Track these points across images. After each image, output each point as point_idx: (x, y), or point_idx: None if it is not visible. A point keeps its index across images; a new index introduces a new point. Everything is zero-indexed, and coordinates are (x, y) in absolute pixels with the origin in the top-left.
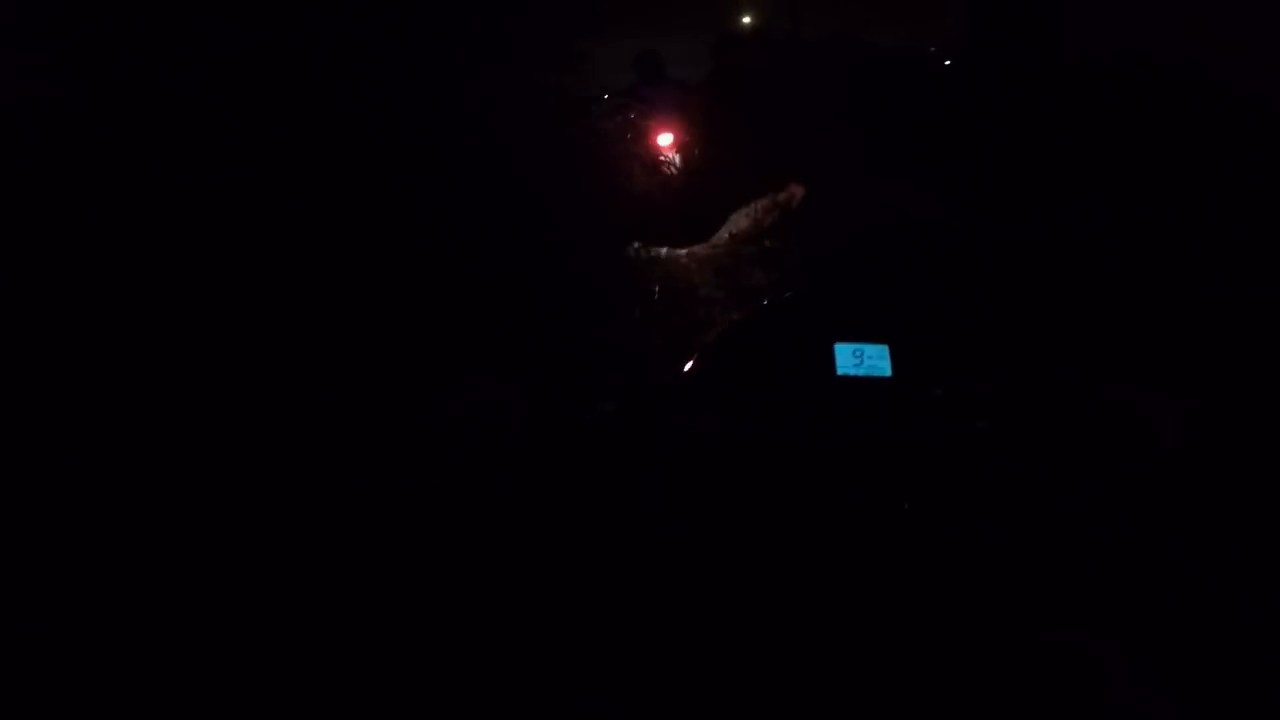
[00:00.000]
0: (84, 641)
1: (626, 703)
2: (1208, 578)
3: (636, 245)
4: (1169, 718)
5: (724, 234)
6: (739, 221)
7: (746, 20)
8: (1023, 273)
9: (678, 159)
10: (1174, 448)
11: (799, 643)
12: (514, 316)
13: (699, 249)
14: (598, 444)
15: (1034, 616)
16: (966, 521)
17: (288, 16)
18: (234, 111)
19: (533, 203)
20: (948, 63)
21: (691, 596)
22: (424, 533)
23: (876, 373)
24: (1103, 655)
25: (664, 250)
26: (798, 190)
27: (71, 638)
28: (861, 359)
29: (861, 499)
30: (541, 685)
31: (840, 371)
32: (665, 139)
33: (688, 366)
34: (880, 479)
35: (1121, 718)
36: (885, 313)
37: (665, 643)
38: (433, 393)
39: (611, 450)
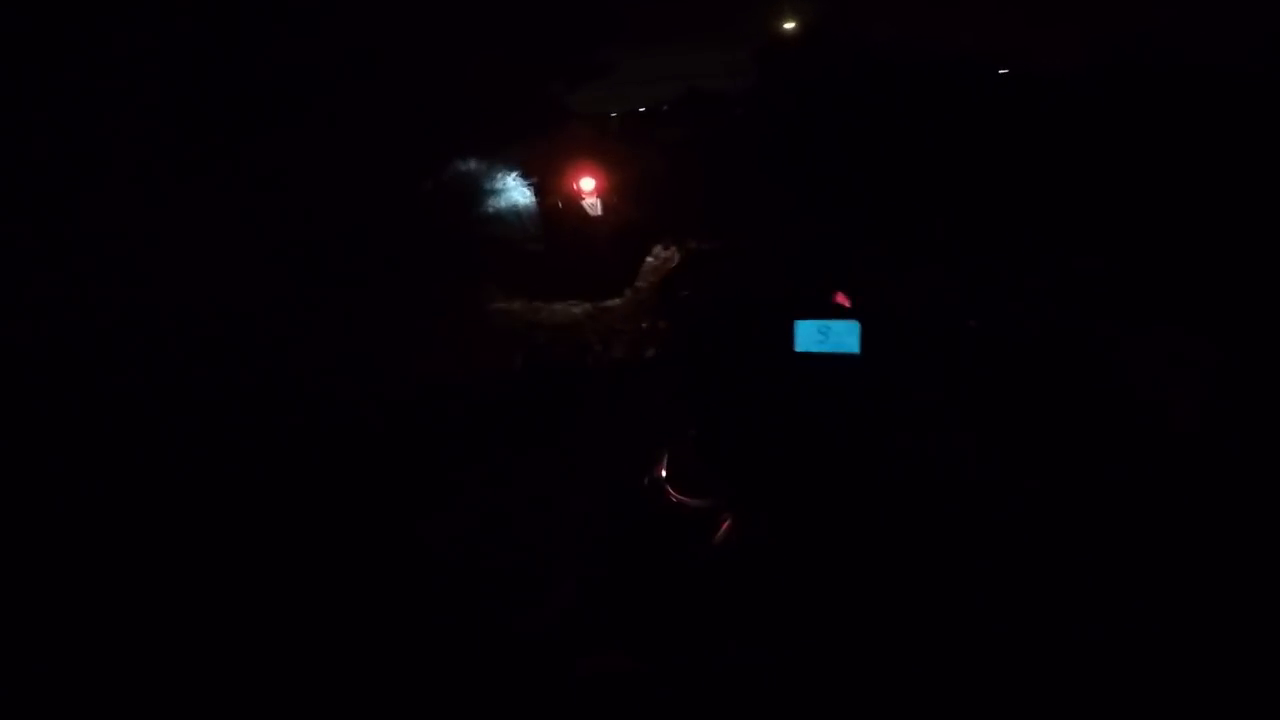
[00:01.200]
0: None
1: None
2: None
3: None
4: None
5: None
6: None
7: (789, 25)
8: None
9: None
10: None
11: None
12: None
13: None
14: None
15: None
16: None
17: None
18: None
19: None
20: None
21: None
22: None
23: (843, 349)
24: None
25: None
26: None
27: None
28: (828, 335)
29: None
30: None
31: (800, 348)
32: (587, 183)
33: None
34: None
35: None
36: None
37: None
38: None
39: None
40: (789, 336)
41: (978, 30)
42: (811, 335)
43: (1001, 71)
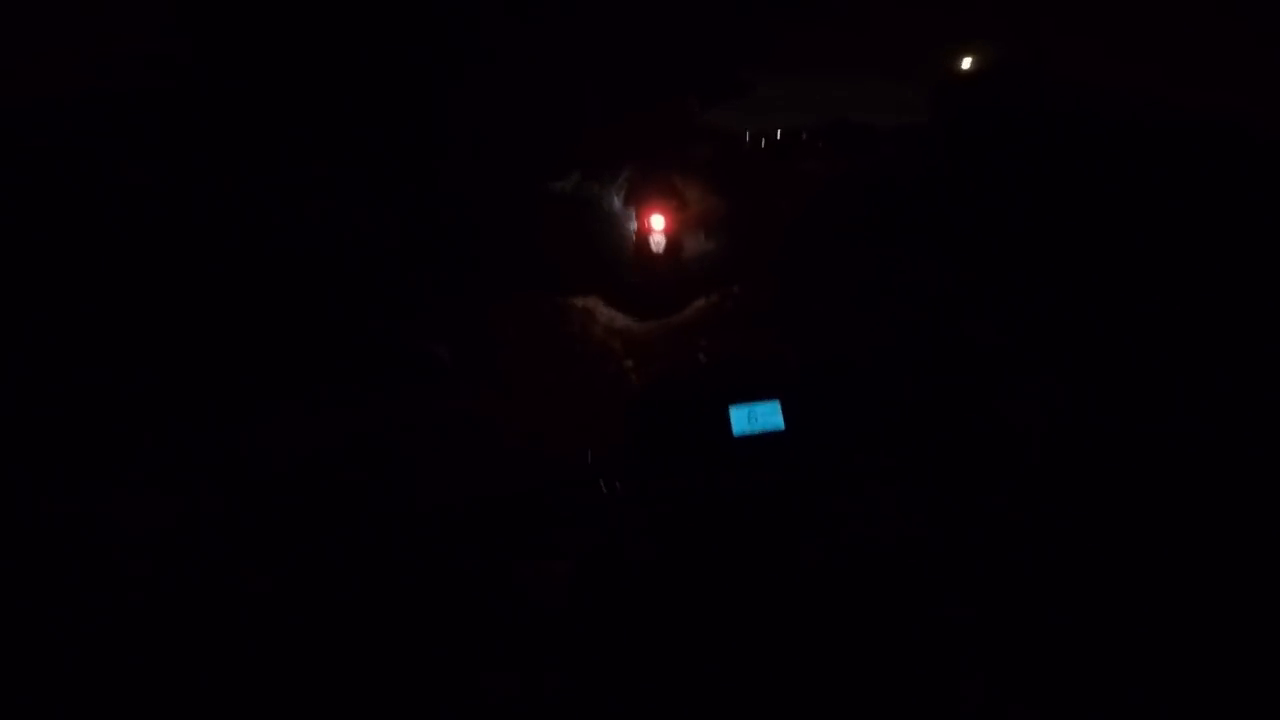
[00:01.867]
0: None
1: None
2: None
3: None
4: None
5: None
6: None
7: (967, 63)
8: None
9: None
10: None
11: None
12: None
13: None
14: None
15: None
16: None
17: None
18: None
19: None
20: None
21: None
22: None
23: (771, 428)
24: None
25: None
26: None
27: None
28: (755, 418)
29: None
30: None
31: (737, 432)
32: (658, 221)
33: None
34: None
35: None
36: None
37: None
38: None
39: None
40: (725, 423)
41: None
42: (742, 420)
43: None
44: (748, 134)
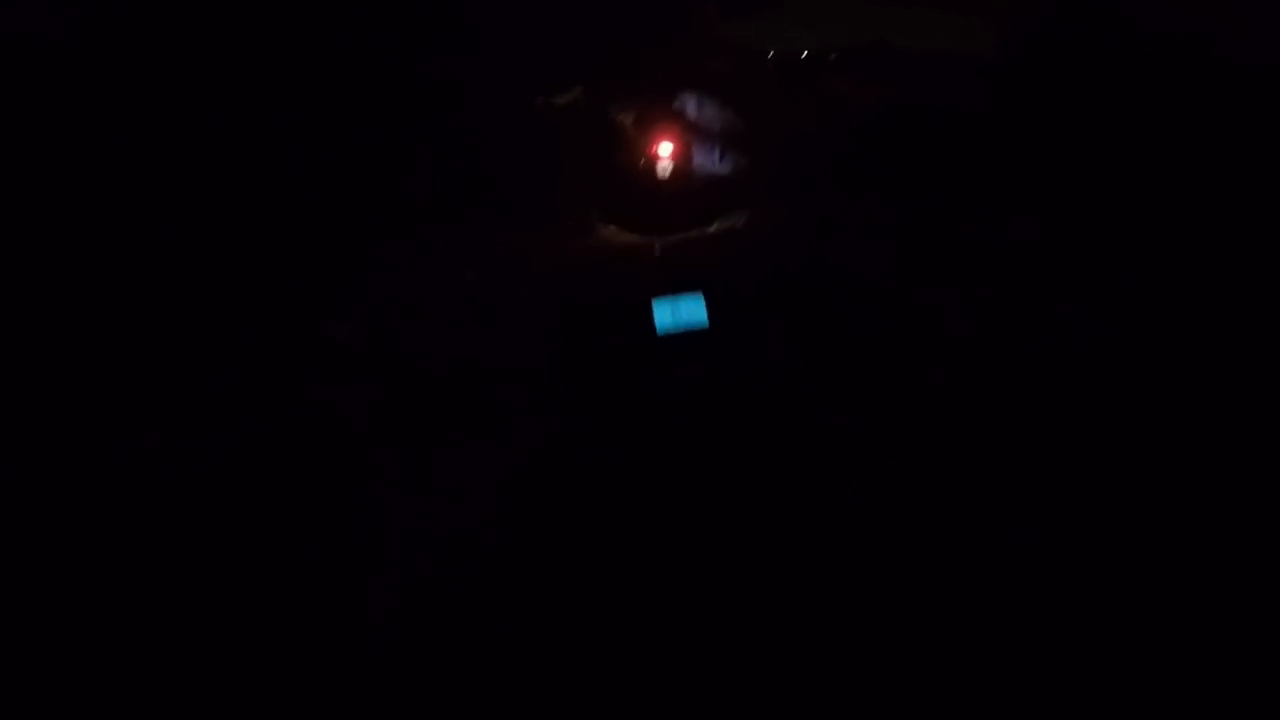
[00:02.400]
0: None
1: None
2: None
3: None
4: None
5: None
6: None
7: None
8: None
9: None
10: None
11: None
12: None
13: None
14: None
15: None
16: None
17: None
18: None
19: None
20: None
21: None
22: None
23: (695, 324)
24: None
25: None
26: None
27: None
28: (679, 313)
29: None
30: None
31: (660, 327)
32: (665, 148)
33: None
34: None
35: None
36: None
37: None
38: None
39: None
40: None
41: None
42: (666, 314)
43: None
44: (771, 52)
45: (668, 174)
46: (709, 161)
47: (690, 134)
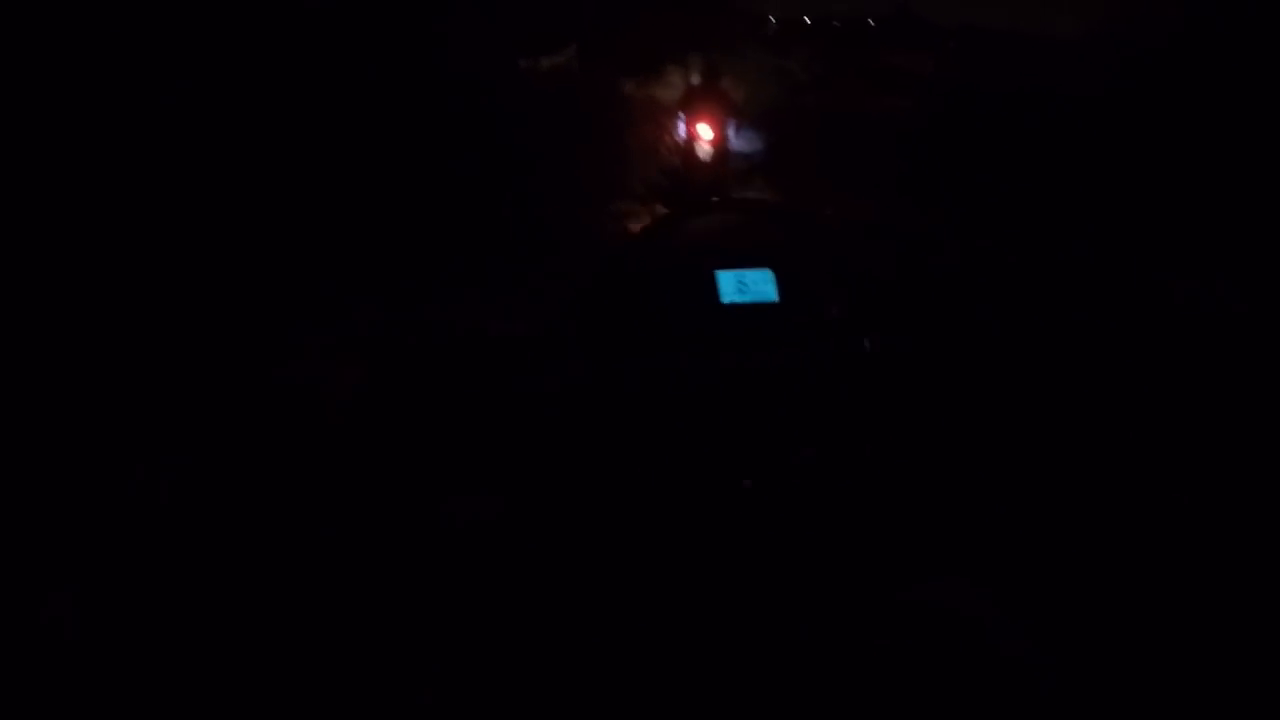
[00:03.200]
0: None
1: None
2: None
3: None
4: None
5: None
6: None
7: None
8: None
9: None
10: None
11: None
12: None
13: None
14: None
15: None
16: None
17: None
18: None
19: None
20: None
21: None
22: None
23: (762, 298)
24: (980, 612)
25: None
26: None
27: None
28: (745, 286)
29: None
30: None
31: (725, 300)
32: (706, 131)
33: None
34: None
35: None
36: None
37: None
38: None
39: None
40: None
41: None
42: (731, 286)
43: None
44: (806, 18)
45: (708, 157)
46: (745, 141)
47: (728, 115)
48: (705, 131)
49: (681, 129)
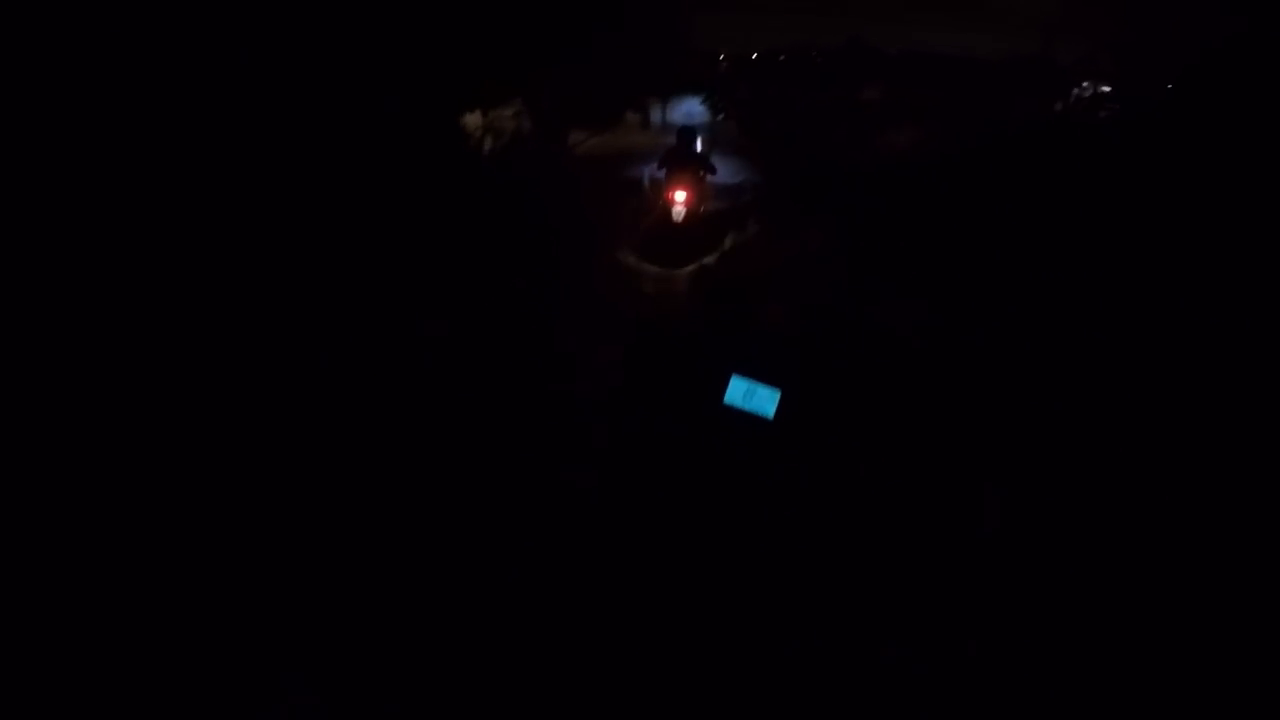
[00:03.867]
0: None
1: None
2: None
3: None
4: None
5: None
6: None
7: None
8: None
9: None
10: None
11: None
12: None
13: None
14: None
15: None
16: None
17: None
18: None
19: None
20: None
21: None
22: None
23: (760, 412)
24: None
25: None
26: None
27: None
28: (751, 397)
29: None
30: None
31: (727, 400)
32: (680, 195)
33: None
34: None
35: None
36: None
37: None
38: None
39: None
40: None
41: None
42: (739, 393)
43: None
44: (754, 54)
45: (681, 217)
46: (718, 201)
47: (700, 182)
48: (679, 196)
49: (649, 186)
